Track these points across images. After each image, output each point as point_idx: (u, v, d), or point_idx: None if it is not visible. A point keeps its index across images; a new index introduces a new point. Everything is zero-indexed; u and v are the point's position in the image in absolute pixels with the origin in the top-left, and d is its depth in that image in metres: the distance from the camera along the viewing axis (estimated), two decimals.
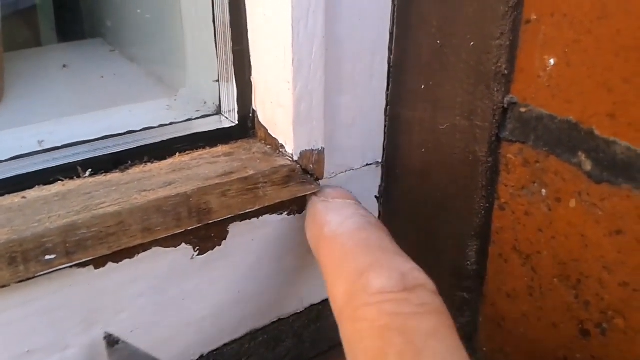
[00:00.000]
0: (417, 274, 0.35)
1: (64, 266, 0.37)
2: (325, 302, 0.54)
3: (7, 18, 0.76)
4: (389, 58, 0.48)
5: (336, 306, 0.36)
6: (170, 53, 0.62)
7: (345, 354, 0.35)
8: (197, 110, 0.50)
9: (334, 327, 0.56)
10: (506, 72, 0.41)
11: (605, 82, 0.36)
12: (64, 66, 0.71)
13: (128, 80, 0.67)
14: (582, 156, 0.38)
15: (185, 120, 0.48)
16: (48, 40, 0.94)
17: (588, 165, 0.38)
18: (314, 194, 0.45)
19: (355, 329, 0.33)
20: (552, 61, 0.39)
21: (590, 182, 0.38)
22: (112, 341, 0.40)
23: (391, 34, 0.47)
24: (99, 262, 0.39)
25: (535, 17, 0.39)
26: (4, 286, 0.36)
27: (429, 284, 0.35)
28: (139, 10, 0.67)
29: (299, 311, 0.52)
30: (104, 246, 0.37)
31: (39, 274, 0.36)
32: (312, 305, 0.53)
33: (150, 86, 0.64)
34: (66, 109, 0.53)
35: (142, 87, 0.64)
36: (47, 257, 0.36)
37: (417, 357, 0.30)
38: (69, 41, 0.90)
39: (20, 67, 0.70)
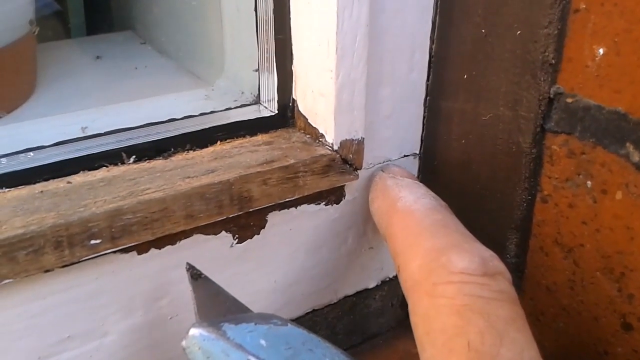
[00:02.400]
0: (496, 262, 0.36)
1: (108, 251, 0.37)
2: (359, 295, 0.54)
3: (38, 10, 0.77)
4: (430, 48, 0.47)
5: (409, 279, 0.37)
6: (204, 45, 0.62)
7: (414, 327, 0.35)
8: (235, 100, 0.51)
9: (367, 320, 0.56)
10: (553, 61, 0.40)
11: None
12: (97, 57, 0.72)
13: (161, 72, 0.67)
14: (630, 147, 0.38)
15: (225, 110, 0.48)
16: (78, 32, 0.94)
17: (636, 156, 0.37)
18: (382, 169, 0.47)
19: (433, 304, 0.34)
20: (601, 51, 0.38)
21: (638, 173, 0.38)
22: (194, 274, 0.39)
23: (433, 23, 0.46)
24: (142, 248, 0.39)
25: (584, 6, 0.38)
26: (47, 270, 0.36)
27: (507, 273, 0.36)
28: (171, 1, 0.67)
29: (332, 302, 0.52)
30: (148, 232, 0.37)
31: (83, 258, 0.36)
32: (346, 297, 0.53)
33: (184, 78, 0.65)
34: (104, 98, 0.54)
35: (175, 79, 0.64)
36: (93, 241, 0.36)
37: (498, 341, 0.30)
38: (98, 34, 0.90)
39: (51, 58, 0.71)
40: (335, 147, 0.44)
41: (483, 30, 0.44)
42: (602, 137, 0.39)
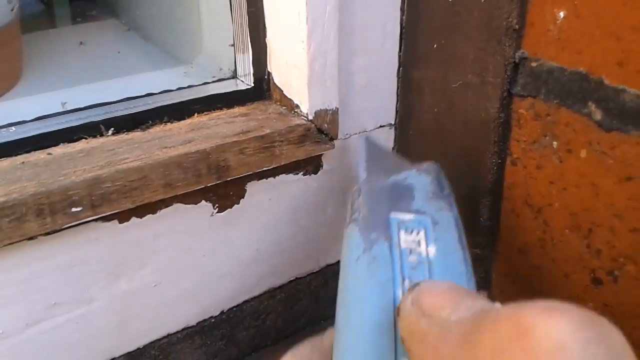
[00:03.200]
0: None
1: (89, 219, 0.38)
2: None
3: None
4: (401, 19, 0.49)
5: None
6: (184, 26, 0.63)
7: None
8: (213, 76, 0.52)
9: None
10: (517, 27, 0.41)
11: (614, 32, 0.37)
12: (81, 43, 0.73)
13: (144, 55, 0.68)
14: (592, 106, 0.39)
15: (202, 84, 0.49)
16: (62, 21, 0.95)
17: (598, 115, 0.39)
18: None
19: None
20: (561, 14, 0.39)
21: (600, 131, 0.39)
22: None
23: None
24: (123, 217, 0.40)
25: None
26: (31, 238, 0.37)
27: None
28: None
29: (315, 271, 0.54)
30: (127, 200, 0.39)
31: (65, 226, 0.37)
32: (328, 265, 0.54)
33: (166, 60, 0.66)
34: (86, 78, 0.55)
35: (158, 60, 0.65)
36: (74, 209, 0.37)
37: None
38: (82, 22, 0.91)
39: (36, 46, 0.72)
40: (310, 117, 0.45)
41: (450, 0, 0.45)
42: (565, 98, 0.41)
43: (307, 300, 0.54)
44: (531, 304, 0.24)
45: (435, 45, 0.47)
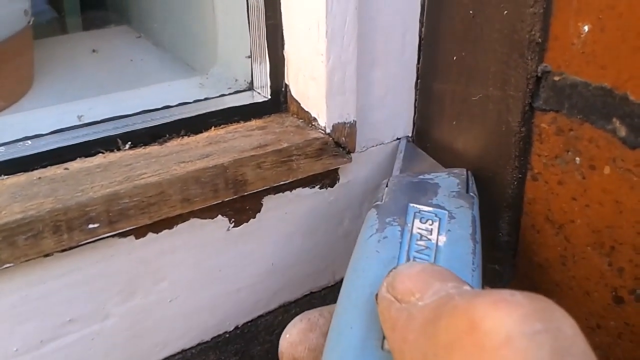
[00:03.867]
0: None
1: (106, 235, 0.38)
2: None
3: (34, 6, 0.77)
4: (420, 31, 0.48)
5: None
6: (198, 35, 0.63)
7: None
8: (229, 87, 0.51)
9: None
10: (540, 40, 0.41)
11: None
12: (94, 51, 0.72)
13: (157, 63, 0.68)
14: (617, 122, 0.38)
15: (219, 96, 0.49)
16: (74, 28, 0.95)
17: (622, 131, 0.38)
18: None
19: None
20: (586, 28, 0.39)
21: (624, 147, 0.38)
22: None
23: (422, 6, 0.47)
24: (139, 232, 0.40)
25: None
26: (47, 255, 0.37)
27: None
28: None
29: (330, 285, 0.53)
30: (145, 216, 0.38)
31: (82, 242, 0.37)
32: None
33: (179, 68, 0.65)
34: (100, 88, 0.54)
35: (171, 69, 0.65)
36: (91, 225, 0.37)
37: None
38: (94, 29, 0.91)
39: (48, 53, 0.72)
40: (328, 131, 0.45)
41: (471, 11, 0.44)
42: (589, 113, 0.40)
43: None
44: (484, 296, 0.25)
45: (455, 57, 0.46)
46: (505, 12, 0.42)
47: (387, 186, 0.41)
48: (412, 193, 0.39)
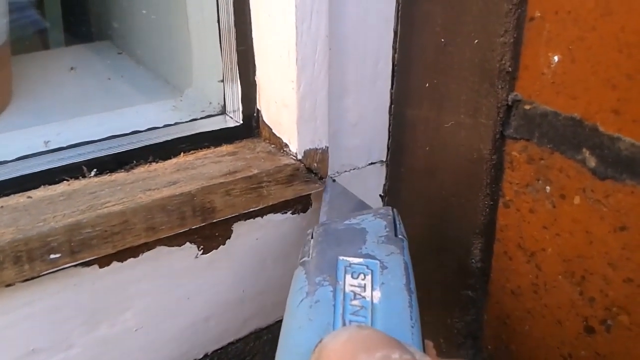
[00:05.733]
0: None
1: (68, 265, 0.37)
2: None
3: (14, 21, 0.77)
4: (393, 57, 0.48)
5: None
6: (176, 55, 0.62)
7: None
8: (203, 111, 0.51)
9: None
10: (510, 69, 0.41)
11: (610, 79, 0.36)
12: (72, 69, 0.72)
13: (135, 82, 0.67)
14: (587, 153, 0.38)
15: (190, 121, 0.48)
16: (56, 43, 0.94)
17: (592, 162, 0.38)
18: None
19: None
20: (556, 58, 0.39)
21: (594, 178, 0.38)
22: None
23: (395, 33, 0.47)
24: (103, 262, 0.39)
25: (539, 14, 0.39)
26: (9, 285, 0.36)
27: None
28: (144, 12, 0.67)
29: None
30: (108, 245, 0.38)
31: (43, 272, 0.36)
32: None
33: (158, 87, 0.65)
34: (73, 110, 0.54)
35: (149, 89, 0.64)
36: (52, 256, 0.36)
37: None
38: (76, 44, 0.90)
39: (28, 70, 0.71)
40: (300, 157, 0.44)
41: (442, 39, 0.44)
42: (559, 143, 0.40)
43: None
44: None
45: (427, 84, 0.46)
46: (476, 41, 0.42)
47: (312, 237, 0.39)
48: (340, 243, 0.37)
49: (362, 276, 0.34)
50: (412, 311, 0.32)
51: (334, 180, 0.48)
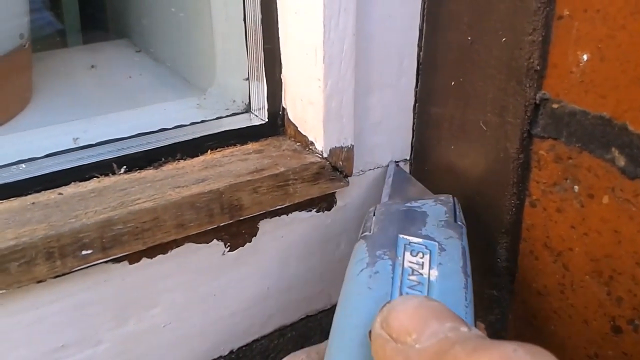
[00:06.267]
0: None
1: (100, 261, 0.37)
2: None
3: (34, 21, 0.77)
4: (419, 55, 0.48)
5: None
6: (197, 53, 0.62)
7: None
8: (227, 109, 0.51)
9: None
10: (538, 67, 0.41)
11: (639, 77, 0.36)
12: (92, 67, 0.72)
13: (156, 80, 0.67)
14: (616, 152, 0.38)
15: (216, 119, 0.48)
16: (74, 41, 0.95)
17: (621, 161, 0.38)
18: None
19: None
20: (585, 57, 0.39)
21: (623, 177, 0.38)
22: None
23: (421, 31, 0.47)
24: (133, 258, 0.40)
25: (567, 13, 0.39)
26: (40, 281, 0.37)
27: None
28: (172, 9, 0.67)
29: (326, 308, 0.53)
30: (139, 241, 0.38)
31: (75, 269, 0.37)
32: None
33: (178, 85, 0.65)
34: (97, 108, 0.54)
35: (170, 87, 0.64)
36: (84, 252, 0.36)
37: None
38: (94, 42, 0.90)
39: (48, 68, 0.71)
40: (325, 155, 0.44)
41: (469, 37, 0.44)
42: (587, 142, 0.40)
43: (318, 338, 0.53)
44: (486, 350, 0.24)
45: (452, 83, 0.46)
46: (504, 39, 0.41)
47: (374, 215, 0.40)
48: (401, 223, 0.38)
49: (420, 254, 0.35)
50: (467, 293, 0.33)
51: (397, 165, 0.51)
